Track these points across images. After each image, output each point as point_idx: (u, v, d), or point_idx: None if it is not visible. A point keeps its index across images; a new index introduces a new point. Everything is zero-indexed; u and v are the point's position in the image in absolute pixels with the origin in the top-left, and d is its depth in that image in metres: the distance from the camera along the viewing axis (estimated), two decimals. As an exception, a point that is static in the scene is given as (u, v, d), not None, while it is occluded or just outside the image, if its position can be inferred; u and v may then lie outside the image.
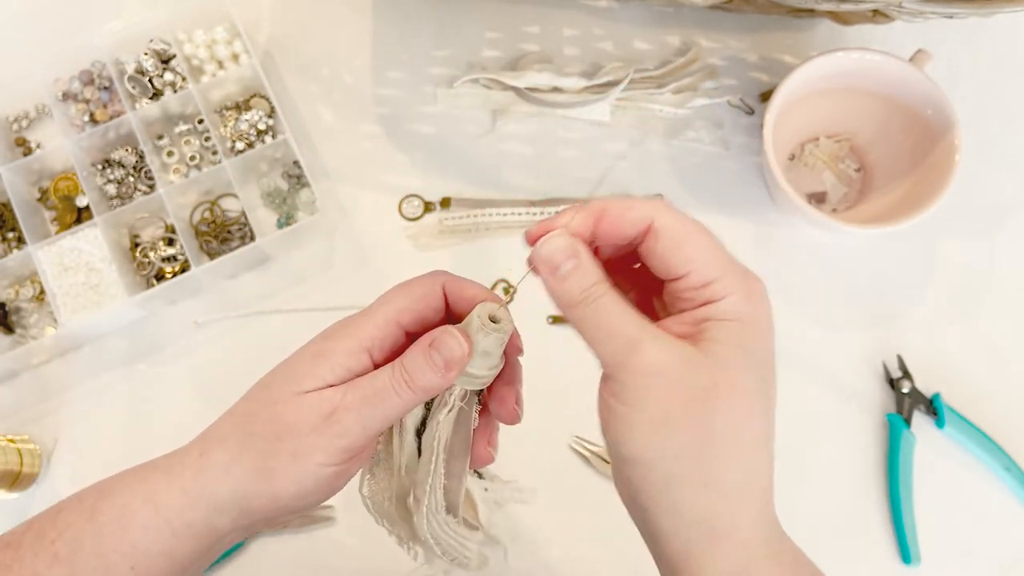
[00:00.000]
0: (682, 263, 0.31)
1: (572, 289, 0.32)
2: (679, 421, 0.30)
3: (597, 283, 0.31)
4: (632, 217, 0.32)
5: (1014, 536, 0.59)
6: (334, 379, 0.34)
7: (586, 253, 0.32)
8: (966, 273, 0.64)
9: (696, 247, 0.31)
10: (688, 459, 0.30)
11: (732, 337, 0.31)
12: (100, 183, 0.63)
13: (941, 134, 0.57)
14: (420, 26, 0.68)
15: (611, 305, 0.31)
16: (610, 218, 0.32)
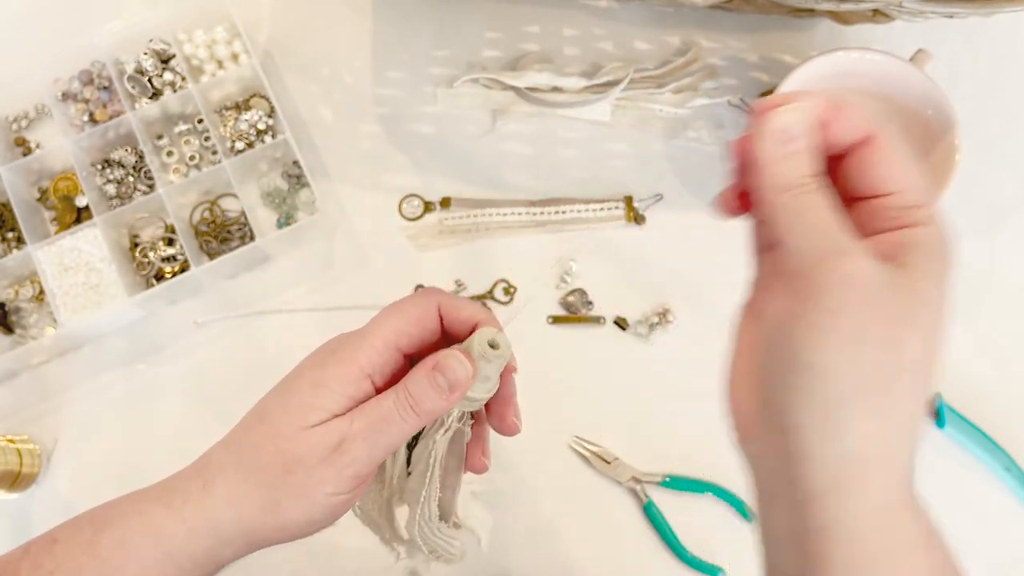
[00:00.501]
0: (897, 179, 0.30)
1: (793, 170, 0.29)
2: (876, 340, 0.28)
3: (819, 174, 0.29)
4: (859, 120, 0.30)
5: (1014, 536, 0.59)
6: (338, 409, 0.34)
7: (819, 141, 0.30)
8: (966, 273, 0.64)
9: (910, 168, 0.30)
10: (872, 381, 0.28)
11: (933, 268, 0.29)
12: (100, 183, 0.63)
13: (941, 134, 0.57)
14: (420, 26, 0.68)
15: (826, 200, 0.29)
16: (845, 115, 0.30)
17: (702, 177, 0.65)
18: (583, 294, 0.63)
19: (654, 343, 0.62)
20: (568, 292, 0.63)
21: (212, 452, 0.37)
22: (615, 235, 0.64)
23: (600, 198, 0.64)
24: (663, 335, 0.62)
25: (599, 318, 0.62)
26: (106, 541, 0.34)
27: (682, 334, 0.62)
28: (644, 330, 0.62)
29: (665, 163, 0.65)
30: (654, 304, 0.63)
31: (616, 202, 0.64)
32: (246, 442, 0.35)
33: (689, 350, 0.62)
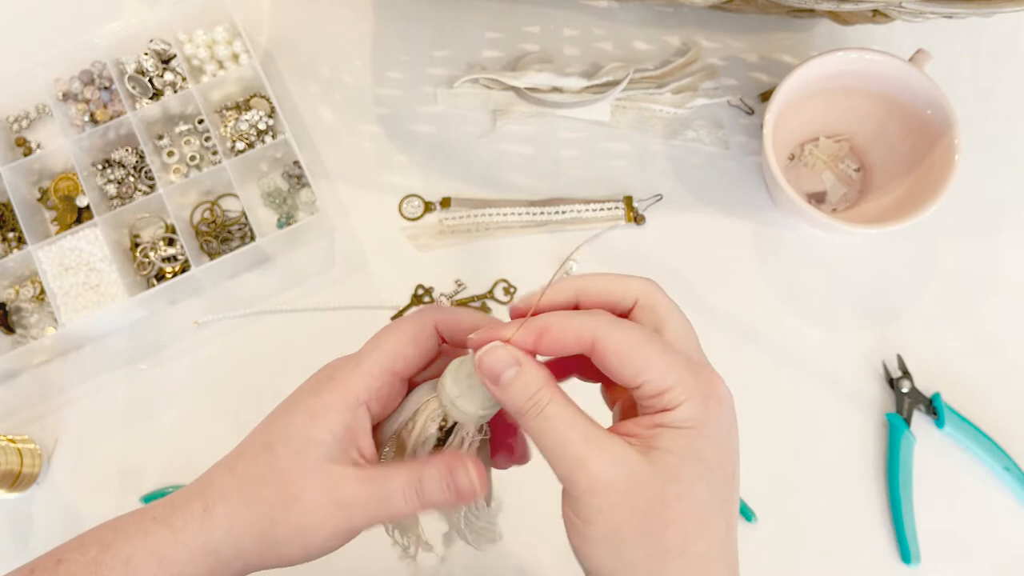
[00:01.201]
0: (631, 376, 0.31)
1: (517, 398, 0.31)
2: (629, 536, 0.30)
3: (541, 389, 0.31)
4: (574, 336, 0.31)
5: (1014, 536, 0.59)
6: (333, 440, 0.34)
7: (528, 361, 0.32)
8: (966, 273, 0.64)
9: (644, 359, 0.31)
10: (640, 573, 0.30)
11: (684, 446, 0.30)
12: (100, 183, 0.63)
13: (941, 134, 0.57)
14: (420, 26, 0.68)
15: (558, 413, 0.31)
16: (552, 335, 0.32)
17: (702, 177, 0.65)
18: (583, 294, 0.63)
19: (654, 343, 0.62)
20: (568, 292, 0.63)
21: (215, 473, 0.36)
22: (615, 235, 0.64)
23: (600, 198, 0.64)
24: (663, 335, 0.62)
25: (599, 318, 0.62)
26: (110, 562, 0.34)
27: (682, 334, 0.62)
28: (644, 330, 0.62)
29: (665, 163, 0.65)
30: (654, 304, 0.63)
31: (616, 202, 0.64)
32: (250, 471, 0.35)
33: (689, 350, 0.62)
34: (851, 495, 0.60)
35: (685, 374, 0.31)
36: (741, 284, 0.63)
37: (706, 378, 0.31)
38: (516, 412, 0.32)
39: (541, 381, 0.31)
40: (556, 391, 0.32)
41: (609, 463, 0.30)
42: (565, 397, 0.32)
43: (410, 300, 0.63)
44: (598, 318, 0.31)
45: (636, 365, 0.31)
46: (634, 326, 0.32)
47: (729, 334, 0.62)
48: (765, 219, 0.64)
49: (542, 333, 0.32)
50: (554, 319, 0.32)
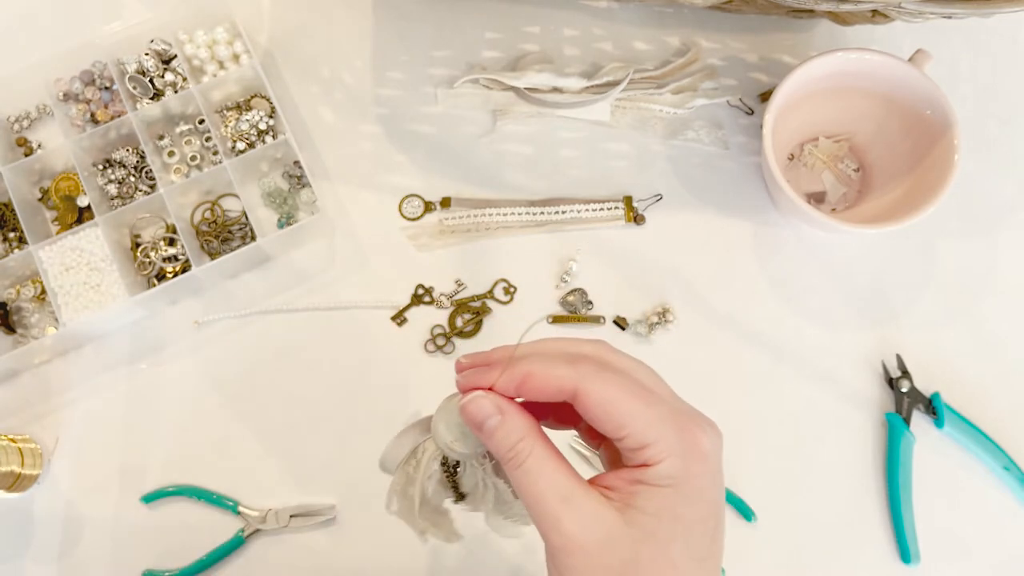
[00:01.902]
0: (612, 429, 0.31)
1: (499, 446, 0.32)
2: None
3: (522, 440, 0.31)
4: (555, 385, 0.31)
5: (1013, 535, 0.60)
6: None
7: (511, 409, 0.32)
8: (965, 273, 0.64)
9: (625, 412, 0.30)
10: None
11: (662, 506, 0.30)
12: (101, 183, 0.63)
13: (940, 134, 0.57)
14: (420, 26, 0.68)
15: (538, 467, 0.31)
16: (534, 383, 0.32)
17: (702, 177, 0.65)
18: (583, 294, 0.63)
19: (654, 343, 0.62)
20: (568, 292, 0.63)
21: None
22: (615, 235, 0.64)
23: (600, 198, 0.64)
24: (663, 335, 0.62)
25: (599, 318, 0.63)
26: None
27: (681, 334, 0.62)
28: (644, 330, 0.62)
29: (665, 163, 0.65)
30: (654, 304, 0.63)
31: (616, 202, 0.64)
32: None
33: (688, 350, 0.62)
34: (851, 495, 0.60)
35: (667, 429, 0.30)
36: (741, 284, 0.64)
37: (690, 432, 0.31)
38: (499, 459, 0.32)
39: (522, 432, 0.31)
40: (538, 441, 0.31)
41: (584, 523, 0.30)
42: (548, 447, 0.32)
43: (410, 300, 0.63)
44: (582, 366, 0.31)
45: (618, 418, 0.30)
46: (619, 377, 0.31)
47: (729, 334, 0.63)
48: (765, 219, 0.64)
49: (525, 380, 0.32)
50: (538, 366, 0.32)
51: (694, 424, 0.31)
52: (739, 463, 0.60)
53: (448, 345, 0.62)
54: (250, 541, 0.59)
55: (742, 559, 0.59)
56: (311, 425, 0.61)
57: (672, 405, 0.32)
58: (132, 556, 0.59)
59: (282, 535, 0.60)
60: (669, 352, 0.62)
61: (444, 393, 0.64)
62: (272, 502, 0.60)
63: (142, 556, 0.59)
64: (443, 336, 0.62)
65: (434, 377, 0.62)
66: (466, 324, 0.63)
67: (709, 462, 0.31)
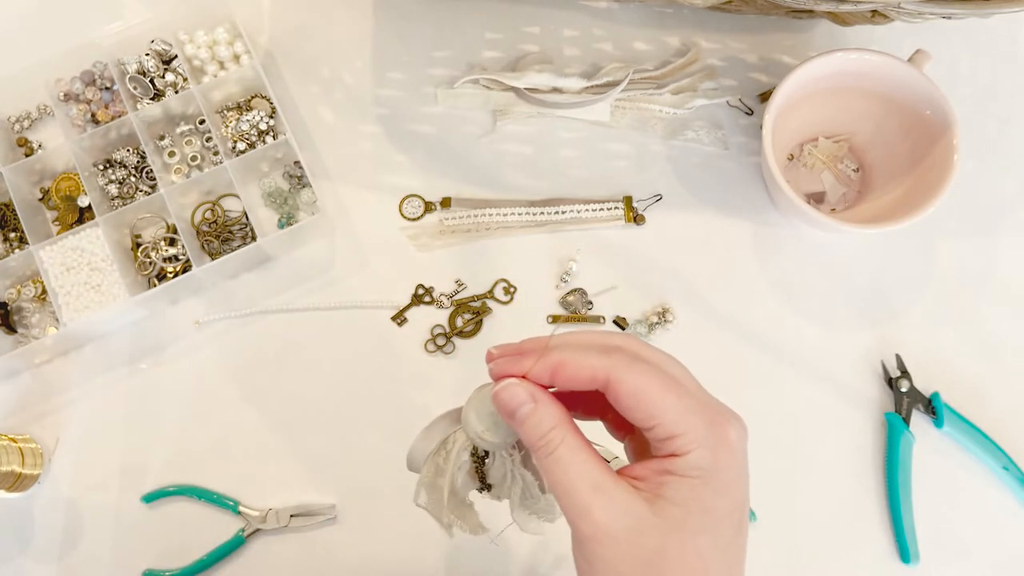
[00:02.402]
0: (643, 419, 0.31)
1: (530, 434, 0.32)
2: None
3: (555, 428, 0.32)
4: (588, 374, 0.32)
5: (1012, 535, 0.60)
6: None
7: (544, 398, 0.32)
8: (965, 272, 0.64)
9: (656, 403, 0.31)
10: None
11: (690, 496, 0.31)
12: (102, 183, 0.63)
13: (940, 134, 0.57)
14: (420, 26, 0.68)
15: (568, 456, 0.31)
16: (567, 371, 0.32)
17: (702, 177, 0.65)
18: (583, 294, 0.63)
19: (653, 342, 0.62)
20: (568, 292, 0.63)
21: None
22: (615, 235, 0.64)
23: (600, 198, 0.64)
24: (663, 335, 0.63)
25: (599, 318, 0.63)
26: None
27: (681, 333, 0.63)
28: (644, 330, 0.62)
29: (664, 163, 0.66)
30: (653, 304, 0.63)
31: (616, 202, 0.64)
32: None
33: (688, 350, 0.62)
34: (850, 495, 0.60)
35: (697, 421, 0.31)
36: (741, 284, 0.64)
37: (719, 425, 0.31)
38: (530, 447, 0.32)
39: (554, 420, 0.32)
40: (570, 431, 0.32)
41: (614, 513, 0.30)
42: (578, 437, 0.32)
43: (410, 300, 0.63)
44: (615, 357, 0.32)
45: (649, 408, 0.31)
46: (651, 368, 0.32)
47: (729, 334, 0.63)
48: (764, 219, 0.65)
49: (558, 368, 0.32)
50: (570, 355, 0.32)
51: (723, 417, 0.32)
52: (739, 463, 0.60)
53: (448, 345, 0.62)
54: (250, 541, 0.60)
55: (742, 559, 0.59)
56: (311, 425, 0.61)
57: (700, 398, 0.32)
58: (132, 556, 0.59)
59: (282, 535, 0.60)
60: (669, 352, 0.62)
61: (444, 393, 0.64)
62: (272, 502, 0.60)
63: (142, 556, 0.59)
64: (443, 336, 0.63)
65: (434, 377, 0.62)
66: (466, 324, 0.63)
67: (736, 455, 0.32)
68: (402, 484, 0.45)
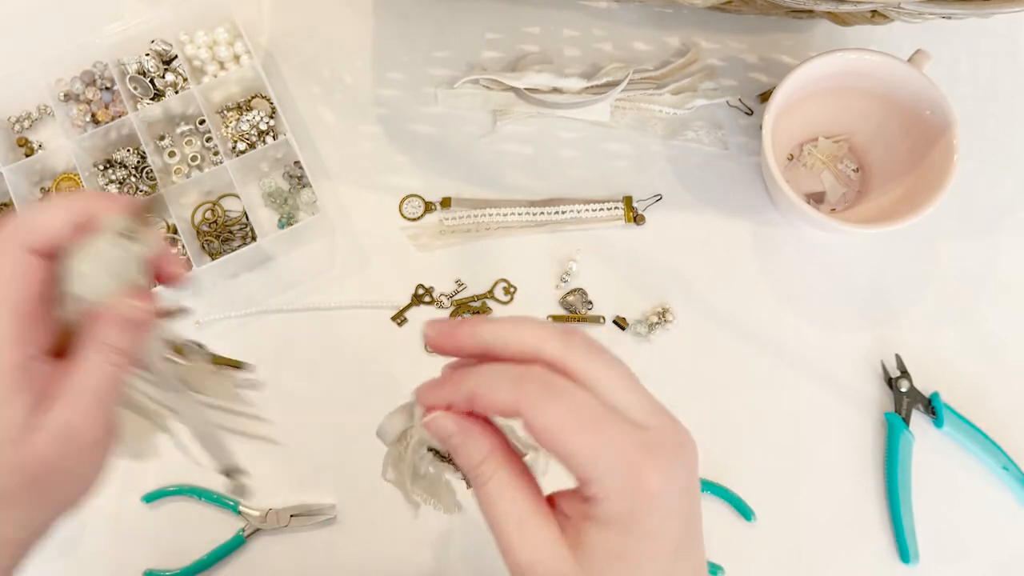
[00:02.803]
0: (559, 457, 0.29)
1: (462, 464, 0.31)
2: None
3: (484, 463, 0.31)
4: (499, 407, 0.30)
5: (1012, 535, 0.60)
6: (35, 406, 0.32)
7: (473, 430, 0.31)
8: (965, 273, 0.64)
9: (567, 444, 0.28)
10: None
11: (608, 547, 0.29)
12: (102, 183, 0.63)
13: (940, 134, 0.57)
14: (420, 27, 0.68)
15: (497, 491, 0.30)
16: (480, 403, 0.30)
17: (701, 177, 0.65)
18: (583, 294, 0.63)
19: (654, 343, 0.62)
20: (568, 292, 0.63)
21: None
22: (615, 235, 0.64)
23: (600, 198, 0.64)
24: (663, 335, 0.63)
25: (599, 318, 0.63)
26: None
27: (681, 334, 0.63)
28: (644, 330, 0.62)
29: (664, 163, 0.66)
30: (654, 304, 0.63)
31: (616, 202, 0.64)
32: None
33: (688, 349, 0.62)
34: (850, 495, 0.60)
35: (611, 467, 0.28)
36: (740, 284, 0.64)
37: (637, 470, 0.28)
38: (465, 475, 0.32)
39: (483, 453, 0.31)
40: (502, 462, 0.31)
41: (534, 555, 0.29)
42: (511, 469, 0.31)
43: (410, 300, 0.63)
44: (525, 389, 0.29)
45: (559, 449, 0.29)
46: (566, 401, 0.29)
47: (729, 334, 0.63)
48: (764, 219, 0.65)
49: (472, 400, 0.30)
50: (483, 385, 0.30)
51: (646, 458, 0.29)
52: (739, 463, 0.60)
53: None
54: (250, 541, 0.60)
55: (742, 559, 0.59)
56: (311, 425, 0.61)
57: (626, 435, 0.29)
58: (132, 556, 0.59)
59: (282, 535, 0.60)
60: (669, 352, 0.62)
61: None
62: (272, 502, 0.60)
63: (143, 556, 0.59)
64: (443, 336, 0.63)
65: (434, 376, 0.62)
66: (466, 324, 0.63)
67: (661, 499, 0.29)
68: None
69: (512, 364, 0.30)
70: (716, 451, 0.60)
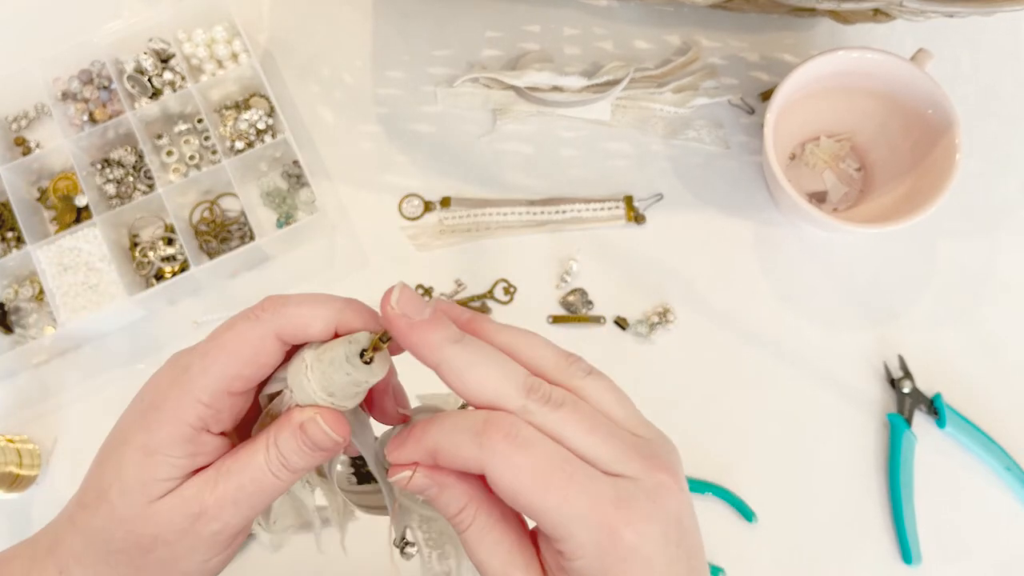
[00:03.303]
0: (527, 514, 0.28)
1: (442, 512, 0.30)
2: None
3: (463, 511, 0.30)
4: (461, 464, 0.29)
5: (1014, 536, 0.59)
6: (180, 473, 0.31)
7: (448, 480, 0.30)
8: (967, 272, 0.64)
9: (534, 505, 0.27)
10: None
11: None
12: (99, 183, 0.63)
13: (942, 133, 0.57)
14: (420, 26, 0.68)
15: (477, 537, 0.30)
16: (443, 460, 0.29)
17: (702, 176, 0.65)
18: (583, 294, 0.63)
19: (654, 343, 0.62)
20: (568, 292, 0.63)
21: (61, 528, 0.33)
22: (615, 235, 0.64)
23: (600, 198, 0.64)
24: (663, 335, 0.62)
25: (599, 318, 0.62)
26: None
27: (682, 334, 0.62)
28: (644, 330, 0.62)
29: (665, 163, 0.65)
30: (654, 304, 0.63)
31: (616, 202, 0.64)
32: (93, 525, 0.31)
33: (689, 350, 0.62)
34: (852, 495, 0.60)
35: (580, 528, 0.27)
36: (741, 284, 0.63)
37: (610, 528, 0.27)
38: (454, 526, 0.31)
39: (462, 503, 0.30)
40: (481, 508, 0.30)
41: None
42: (492, 514, 0.30)
43: (410, 300, 0.63)
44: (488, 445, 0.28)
45: (527, 509, 0.28)
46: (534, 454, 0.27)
47: (730, 334, 0.62)
48: (766, 219, 0.64)
49: (436, 456, 0.29)
50: (444, 443, 0.29)
51: (618, 515, 0.27)
52: (740, 463, 0.60)
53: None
54: (249, 541, 0.59)
55: (742, 559, 0.59)
56: (310, 425, 0.61)
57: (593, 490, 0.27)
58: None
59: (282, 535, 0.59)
60: (670, 352, 0.62)
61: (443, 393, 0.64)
62: (271, 503, 0.60)
63: (141, 557, 0.59)
64: (443, 336, 0.62)
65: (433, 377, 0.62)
66: (466, 324, 0.63)
67: (638, 553, 0.27)
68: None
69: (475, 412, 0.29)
70: (717, 452, 0.60)
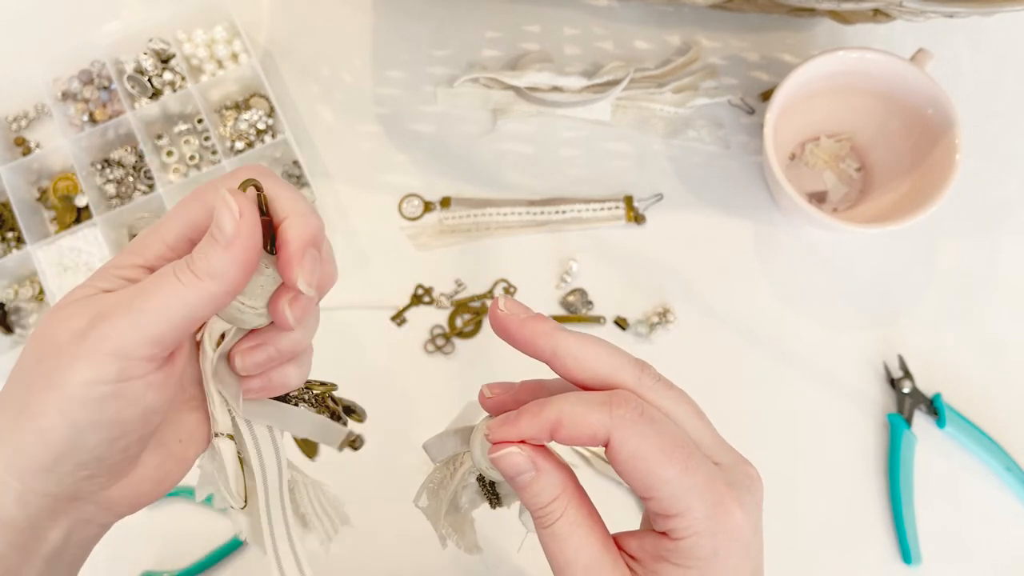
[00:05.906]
0: (639, 488, 0.28)
1: (529, 503, 0.30)
2: None
3: (555, 500, 0.29)
4: (587, 432, 0.28)
5: (1015, 536, 0.59)
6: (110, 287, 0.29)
7: (547, 466, 0.29)
8: (967, 273, 0.64)
9: (655, 474, 0.27)
10: None
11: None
12: (99, 183, 0.63)
13: (942, 133, 0.57)
14: (420, 25, 0.68)
15: (565, 532, 0.29)
16: (565, 431, 0.28)
17: (703, 177, 0.65)
18: (583, 294, 0.63)
19: (654, 343, 0.62)
20: (568, 292, 0.63)
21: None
22: (615, 235, 0.64)
23: (600, 198, 0.64)
24: (663, 335, 0.62)
25: (599, 318, 0.62)
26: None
27: (682, 333, 0.62)
28: (644, 330, 0.62)
29: (665, 163, 0.65)
30: (654, 304, 0.63)
31: (616, 202, 0.64)
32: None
33: (689, 349, 0.62)
34: (852, 495, 0.60)
35: (698, 502, 0.27)
36: (741, 284, 0.63)
37: (724, 507, 0.28)
38: (530, 513, 0.30)
39: (556, 491, 0.29)
40: (572, 501, 0.29)
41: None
42: (581, 509, 0.29)
43: (410, 300, 0.63)
44: (619, 411, 0.28)
45: (646, 479, 0.28)
46: (656, 429, 0.28)
47: (729, 334, 0.62)
48: (766, 219, 0.64)
49: (555, 428, 0.29)
50: (569, 411, 0.28)
51: (730, 495, 0.28)
52: (740, 464, 0.60)
53: (448, 345, 0.62)
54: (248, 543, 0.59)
55: (743, 560, 0.59)
56: (310, 426, 0.61)
57: (705, 471, 0.28)
58: (131, 557, 0.59)
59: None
60: (670, 353, 0.62)
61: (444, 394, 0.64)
62: (271, 503, 0.60)
63: (141, 557, 0.59)
64: (443, 336, 0.62)
65: (434, 377, 0.62)
66: (466, 324, 0.63)
67: (742, 538, 0.28)
68: (402, 485, 0.45)
69: (603, 378, 0.29)
70: (717, 452, 0.60)
